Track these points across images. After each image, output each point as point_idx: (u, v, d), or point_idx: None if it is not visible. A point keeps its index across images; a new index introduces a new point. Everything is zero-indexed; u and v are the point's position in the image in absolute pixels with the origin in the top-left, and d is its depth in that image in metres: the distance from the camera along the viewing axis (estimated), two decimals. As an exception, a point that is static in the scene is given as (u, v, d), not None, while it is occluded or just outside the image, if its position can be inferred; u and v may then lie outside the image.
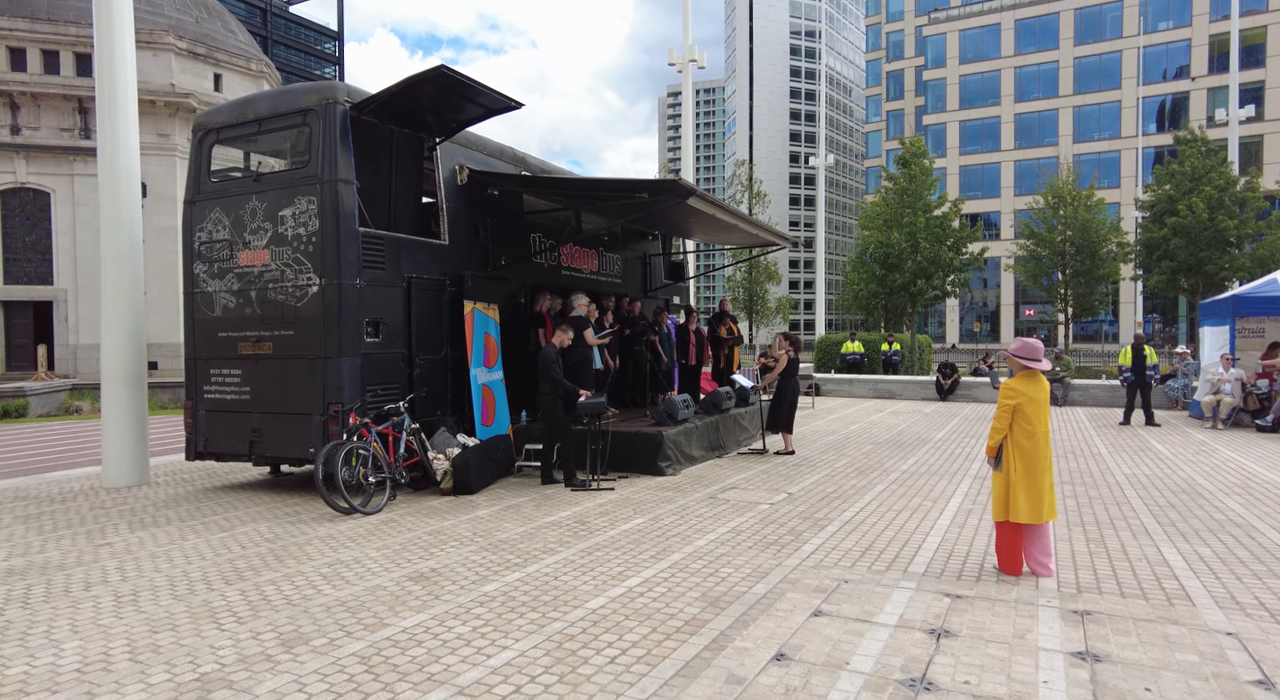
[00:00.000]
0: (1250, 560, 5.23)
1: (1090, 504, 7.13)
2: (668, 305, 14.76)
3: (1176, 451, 10.52)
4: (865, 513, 6.78)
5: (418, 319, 8.47)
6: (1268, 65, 52.80)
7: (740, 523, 6.39)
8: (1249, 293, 13.90)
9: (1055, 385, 18.25)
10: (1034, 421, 4.82)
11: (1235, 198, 25.24)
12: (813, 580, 4.75)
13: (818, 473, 8.95)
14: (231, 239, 8.20)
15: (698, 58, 23.91)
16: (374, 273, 7.96)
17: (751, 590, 4.57)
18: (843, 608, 4.22)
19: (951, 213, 25.62)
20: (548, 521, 6.49)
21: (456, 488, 7.79)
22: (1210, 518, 6.55)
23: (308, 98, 7.88)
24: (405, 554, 5.51)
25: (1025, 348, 4.93)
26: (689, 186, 8.35)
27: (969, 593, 4.50)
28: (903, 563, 5.17)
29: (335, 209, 7.65)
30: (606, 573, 4.97)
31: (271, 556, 5.48)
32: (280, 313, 7.93)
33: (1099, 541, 5.73)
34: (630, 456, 9.02)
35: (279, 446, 8.01)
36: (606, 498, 7.50)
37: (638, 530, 6.15)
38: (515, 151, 10.68)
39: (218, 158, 8.62)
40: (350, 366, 7.70)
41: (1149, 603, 4.33)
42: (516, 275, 10.19)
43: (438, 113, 8.77)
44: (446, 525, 6.42)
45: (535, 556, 5.39)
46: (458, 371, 8.97)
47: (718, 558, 5.31)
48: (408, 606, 4.35)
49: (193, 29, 27.04)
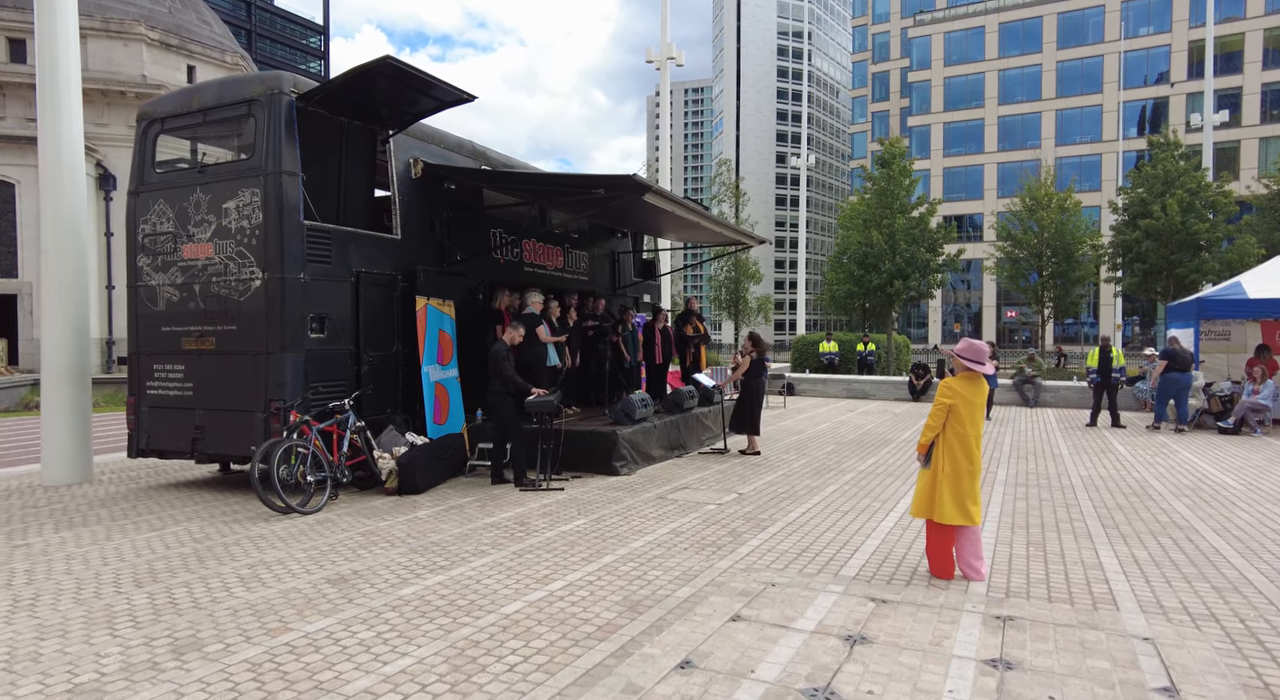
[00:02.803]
0: (1184, 563, 5.18)
1: (1040, 506, 7.09)
2: (637, 303, 14.67)
3: (1136, 453, 10.54)
4: (811, 514, 6.70)
5: (366, 314, 8.31)
6: (1245, 71, 53.41)
7: (683, 524, 6.29)
8: (1213, 296, 13.98)
9: (1026, 386, 18.32)
10: (967, 424, 4.75)
11: (1206, 201, 25.45)
12: (740, 583, 4.66)
13: (774, 473, 8.87)
14: (175, 231, 8.01)
15: (676, 56, 23.79)
16: (319, 267, 7.79)
17: (675, 594, 4.46)
18: (762, 613, 4.13)
19: (928, 214, 25.67)
20: (487, 523, 6.36)
21: (401, 487, 7.64)
22: (1155, 520, 6.52)
23: (252, 88, 7.70)
24: (331, 555, 5.36)
25: (970, 349, 4.86)
26: (644, 182, 8.24)
27: (895, 597, 4.42)
28: (836, 565, 5.09)
29: (279, 201, 7.48)
30: (532, 576, 4.86)
31: (194, 558, 5.33)
32: (223, 307, 7.76)
33: (1039, 544, 5.67)
34: (585, 456, 8.91)
35: (221, 444, 7.83)
36: (554, 498, 7.38)
37: (577, 532, 6.03)
38: (476, 146, 10.52)
39: (165, 148, 8.43)
40: (292, 363, 7.54)
41: (1074, 607, 4.27)
42: (475, 271, 10.04)
43: (391, 105, 8.61)
44: (382, 526, 6.28)
45: (464, 559, 5.27)
46: (409, 368, 8.81)
47: (650, 560, 5.20)
48: (317, 610, 4.21)
49: (165, 19, 26.62)
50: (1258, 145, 52.59)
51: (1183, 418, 13.06)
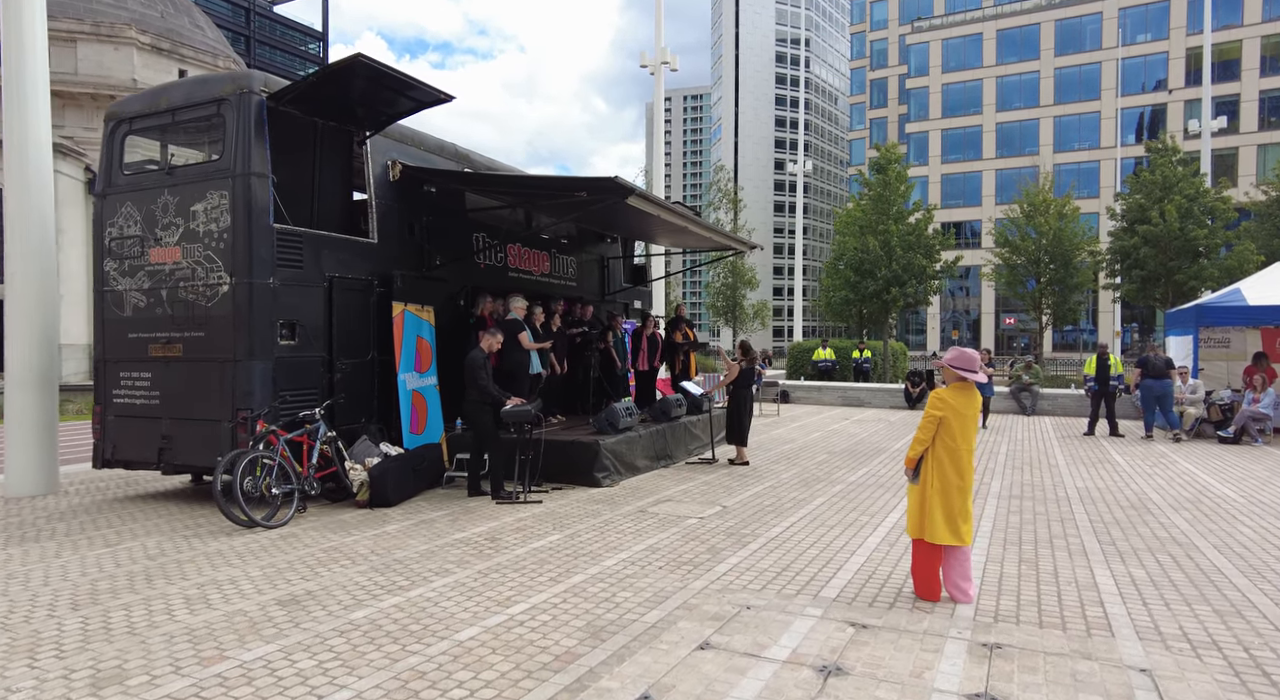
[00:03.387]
0: (1184, 583, 4.92)
1: (1034, 520, 6.82)
2: (627, 310, 14.43)
3: (1135, 464, 10.28)
4: (796, 528, 6.44)
5: (340, 321, 8.07)
6: (1243, 78, 53.37)
7: (660, 539, 6.03)
8: (1212, 302, 13.74)
9: (1024, 394, 18.07)
10: (958, 437, 4.50)
11: (1205, 207, 25.22)
12: (713, 606, 4.40)
13: (761, 484, 8.61)
14: (143, 235, 7.77)
15: (670, 60, 23.61)
16: (290, 272, 7.55)
17: (643, 618, 4.20)
18: (733, 640, 3.86)
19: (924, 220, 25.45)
20: (457, 539, 6.10)
21: (373, 500, 7.38)
22: (1153, 535, 6.26)
23: (222, 87, 7.48)
24: (288, 574, 5.10)
25: (961, 357, 4.61)
26: (626, 185, 8.02)
27: (876, 622, 4.15)
28: (817, 585, 4.83)
29: (247, 204, 7.25)
30: (494, 598, 4.59)
31: (142, 576, 5.06)
32: (190, 313, 7.51)
33: (1032, 562, 5.41)
34: (567, 467, 8.65)
35: (188, 454, 7.57)
36: (530, 511, 7.12)
37: (549, 548, 5.77)
38: (458, 148, 10.30)
39: (133, 149, 8.20)
40: (260, 370, 7.29)
41: (1066, 634, 4.01)
42: (456, 276, 9.80)
43: (367, 106, 8.38)
44: (347, 541, 6.01)
45: (426, 578, 5.00)
46: (386, 376, 8.56)
47: (621, 580, 4.94)
48: (260, 636, 3.95)
49: (157, 24, 26.48)
50: (1256, 152, 52.49)
51: (1173, 423, 12.79)
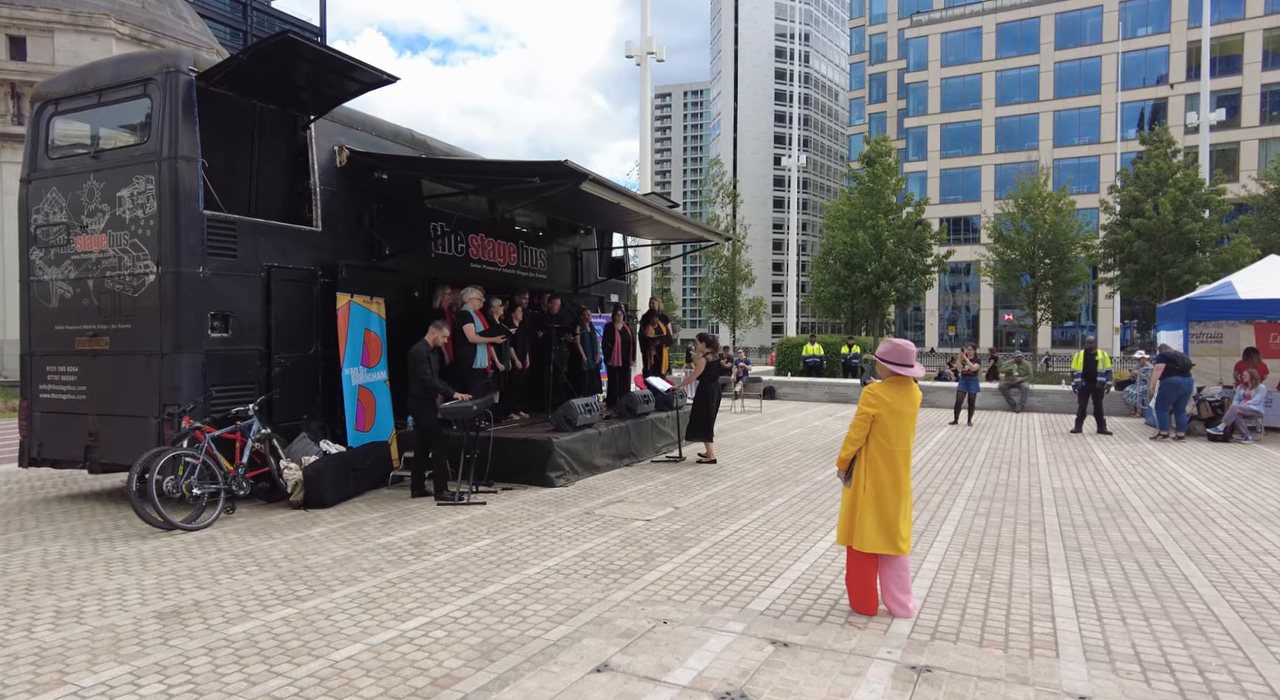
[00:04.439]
0: (1146, 594, 4.55)
1: (1000, 524, 6.45)
2: (601, 303, 14.06)
3: (1118, 462, 9.90)
4: (745, 532, 6.07)
5: (279, 312, 7.70)
6: (1244, 72, 52.78)
7: (597, 544, 5.66)
8: (1203, 296, 13.32)
9: (1013, 390, 17.68)
10: (893, 437, 4.12)
11: (1200, 200, 24.74)
12: (627, 621, 4.03)
13: (723, 484, 8.24)
14: (69, 222, 7.40)
15: (656, 51, 23.21)
16: (222, 261, 7.18)
17: (546, 635, 3.84)
18: (636, 660, 3.50)
19: (915, 213, 25.01)
20: (381, 543, 5.73)
21: (308, 501, 7.02)
22: (1123, 540, 5.88)
23: (148, 66, 7.10)
24: (184, 582, 4.74)
25: (894, 350, 4.24)
26: (578, 169, 7.62)
27: (800, 640, 3.78)
28: (749, 596, 4.46)
29: (174, 189, 6.88)
30: (394, 610, 4.23)
31: (23, 587, 4.70)
32: (117, 304, 7.15)
33: (987, 571, 5.04)
34: (520, 466, 8.29)
35: (115, 452, 7.20)
36: (470, 514, 6.76)
37: (475, 554, 5.41)
38: (415, 134, 9.90)
39: (61, 132, 7.82)
40: (189, 364, 6.92)
41: (1007, 654, 3.64)
42: (412, 267, 9.43)
43: (311, 88, 8.02)
44: (264, 546, 5.65)
45: (330, 587, 4.64)
46: (330, 371, 8.18)
47: (539, 590, 4.58)
48: (117, 656, 3.59)
49: (138, 14, 26.08)
50: (1257, 146, 51.92)
51: (1181, 425, 12.37)
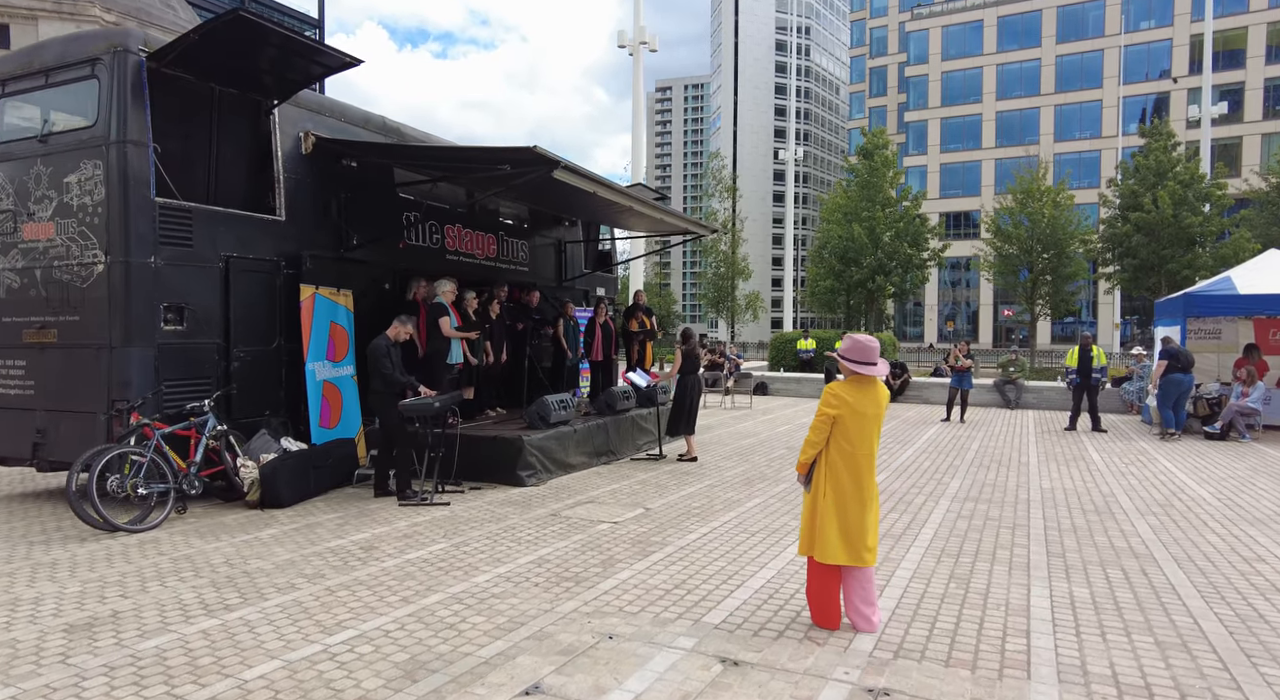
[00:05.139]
0: (1129, 606, 4.27)
1: (983, 527, 6.17)
2: (586, 296, 13.77)
3: (1111, 462, 9.62)
4: (714, 535, 5.80)
5: (239, 304, 7.41)
6: (1248, 66, 52.26)
7: (557, 549, 5.39)
8: (1201, 291, 13.01)
9: (1008, 387, 17.40)
10: (855, 440, 3.83)
11: (1200, 193, 24.34)
12: (570, 636, 3.75)
13: (700, 483, 7.97)
14: (15, 209, 7.11)
15: (649, 40, 22.89)
16: (176, 250, 6.89)
17: (480, 651, 3.56)
18: (570, 682, 3.22)
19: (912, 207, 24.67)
20: (330, 546, 5.46)
21: (264, 500, 6.75)
22: (1110, 545, 5.61)
23: (95, 45, 6.78)
24: (109, 590, 4.47)
25: (855, 347, 3.95)
26: (550, 156, 7.32)
27: (753, 657, 3.51)
28: (706, 607, 4.19)
29: (123, 175, 6.58)
30: (325, 621, 3.96)
31: (-58, 591, 4.44)
32: (65, 295, 6.85)
33: (963, 580, 4.76)
34: (490, 465, 8.01)
35: (64, 449, 6.90)
36: (431, 515, 6.48)
37: (425, 560, 5.13)
38: (387, 121, 9.59)
39: (10, 115, 7.52)
40: (139, 358, 6.64)
41: (974, 674, 3.36)
42: (384, 258, 9.13)
43: (275, 72, 7.72)
44: (207, 549, 5.38)
45: (264, 595, 4.37)
46: (294, 366, 7.90)
47: (483, 601, 4.30)
48: (4, 677, 3.31)
49: (124, 1, 25.70)
50: (1260, 141, 51.44)
51: (1180, 423, 12.07)
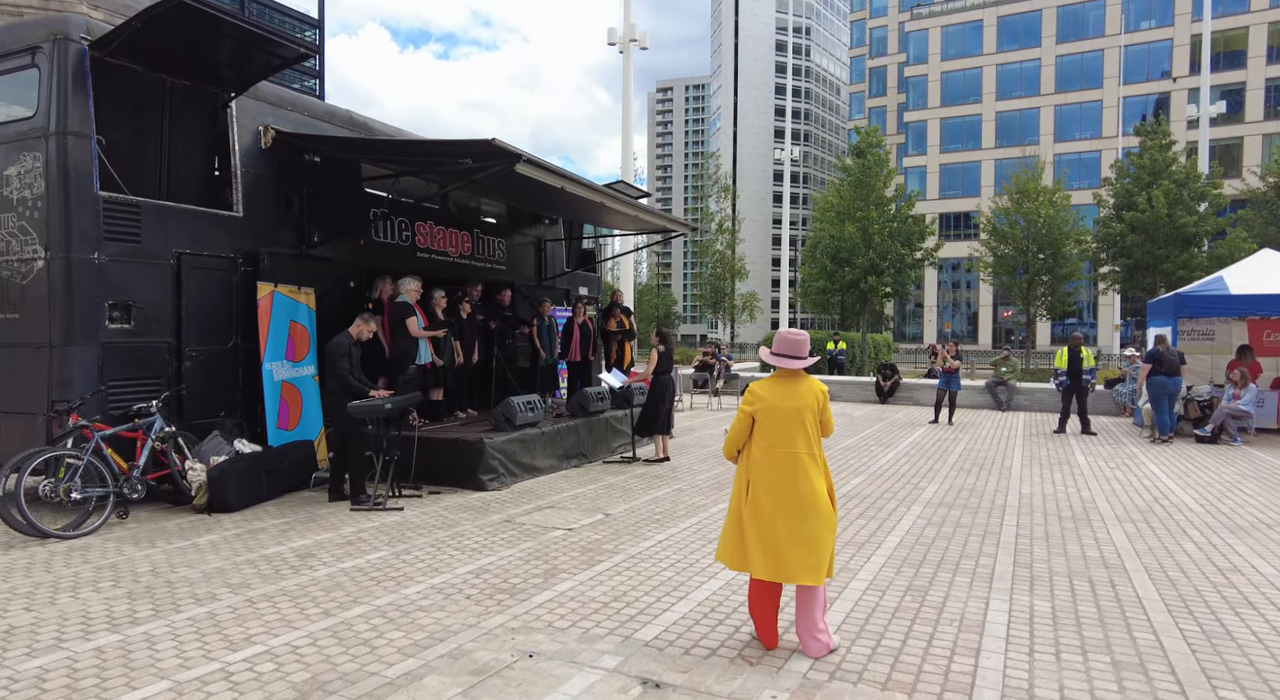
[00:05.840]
0: (1090, 621, 4.03)
1: (952, 535, 5.93)
2: (567, 296, 13.55)
3: (1096, 466, 9.37)
4: (669, 542, 5.56)
5: (191, 302, 7.19)
6: (1248, 66, 51.94)
7: (500, 558, 5.15)
8: (1192, 292, 12.76)
9: (999, 388, 17.16)
10: (775, 437, 3.55)
11: (1195, 193, 24.05)
12: (488, 654, 3.52)
13: (668, 487, 7.73)
14: (-43, 204, 6.89)
15: (639, 38, 22.65)
16: (122, 246, 6.67)
17: (387, 671, 3.33)
18: (472, 706, 2.99)
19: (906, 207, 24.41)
20: (266, 554, 5.23)
21: (211, 504, 6.52)
22: (1081, 555, 5.36)
23: (35, 33, 6.59)
24: (13, 603, 4.23)
25: (778, 339, 3.75)
26: (510, 149, 7.08)
27: (677, 678, 3.27)
28: (640, 622, 3.95)
29: (64, 168, 6.38)
30: (233, 637, 3.72)
31: None
32: (4, 292, 6.64)
33: (920, 593, 4.52)
34: (451, 468, 7.78)
35: (2, 452, 6.70)
36: (381, 520, 6.25)
37: (360, 569, 4.90)
38: (354, 115, 9.38)
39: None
40: (81, 357, 6.43)
41: (911, 698, 3.12)
42: (349, 256, 8.92)
43: (232, 64, 7.52)
44: (137, 556, 5.16)
45: (178, 607, 4.14)
46: (252, 366, 7.68)
47: (407, 614, 4.07)
48: (-125, 695, 3.09)
49: None
50: (1261, 141, 51.09)
51: (1166, 426, 11.80)
